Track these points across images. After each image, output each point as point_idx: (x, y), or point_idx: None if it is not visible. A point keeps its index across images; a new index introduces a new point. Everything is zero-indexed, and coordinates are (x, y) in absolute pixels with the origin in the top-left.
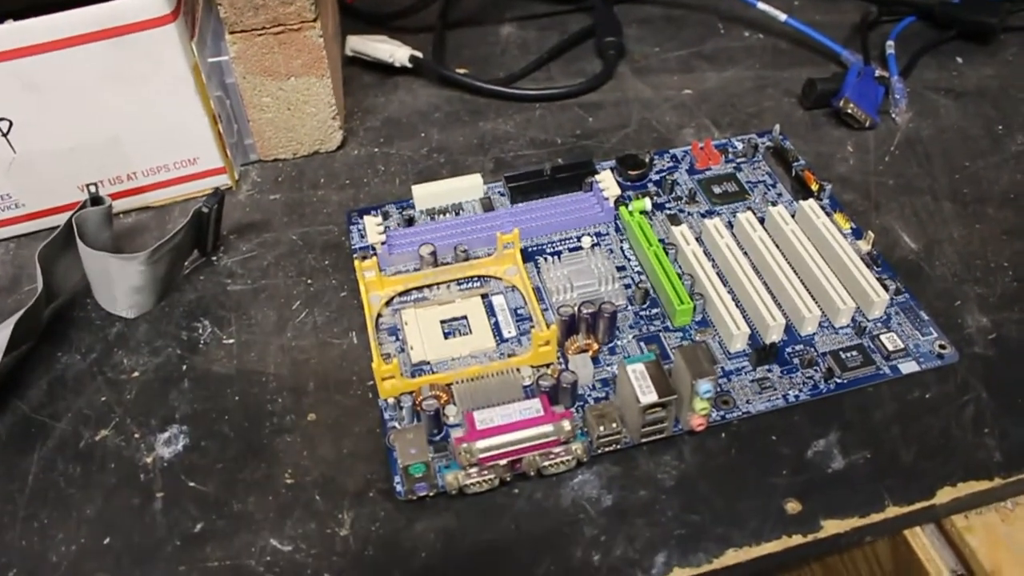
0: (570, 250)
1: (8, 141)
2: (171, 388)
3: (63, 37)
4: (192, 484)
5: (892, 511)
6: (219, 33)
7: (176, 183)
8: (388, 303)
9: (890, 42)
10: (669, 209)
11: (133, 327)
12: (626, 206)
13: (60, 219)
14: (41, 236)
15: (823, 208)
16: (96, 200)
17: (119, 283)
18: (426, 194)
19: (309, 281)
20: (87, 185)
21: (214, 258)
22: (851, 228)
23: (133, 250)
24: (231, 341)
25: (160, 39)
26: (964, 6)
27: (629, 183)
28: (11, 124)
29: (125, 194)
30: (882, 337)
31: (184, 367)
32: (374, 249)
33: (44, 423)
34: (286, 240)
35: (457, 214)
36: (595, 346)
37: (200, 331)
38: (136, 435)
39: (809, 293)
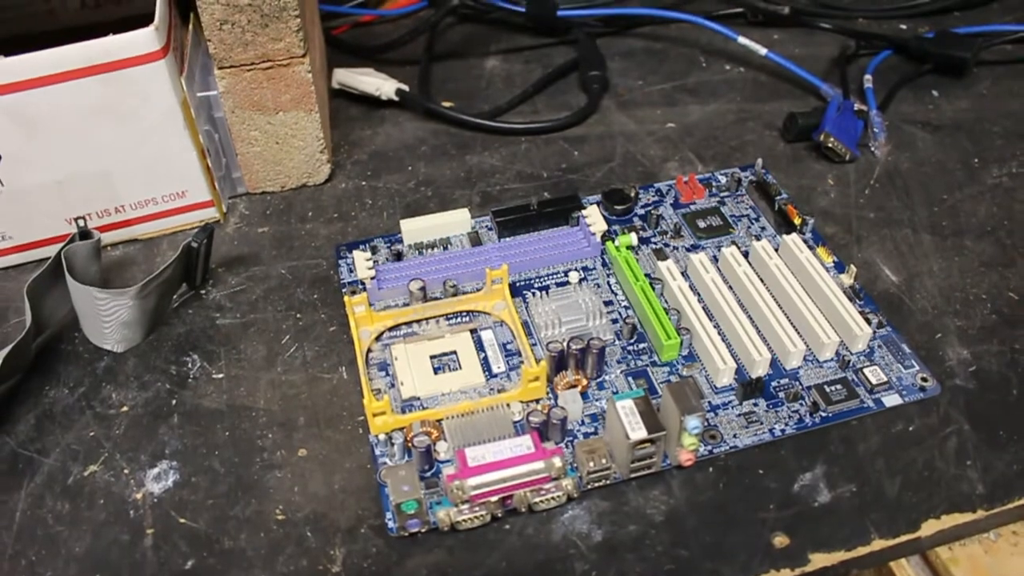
0: (558, 285)
1: None
2: (160, 423)
3: (53, 73)
4: (183, 521)
5: (878, 544)
6: (208, 68)
7: (164, 216)
8: (378, 338)
9: (868, 76)
10: (655, 243)
11: (122, 361)
12: (612, 241)
13: (48, 251)
14: (28, 268)
15: (806, 242)
16: (85, 234)
17: (108, 318)
18: (415, 229)
19: (298, 315)
20: (76, 218)
21: (203, 292)
22: (833, 262)
23: (122, 283)
24: (220, 375)
25: (150, 75)
26: (938, 40)
27: (615, 217)
28: (0, 158)
29: (113, 227)
30: (866, 371)
31: (174, 402)
32: (363, 284)
33: (32, 458)
34: (275, 274)
35: (445, 248)
36: (584, 381)
37: (189, 365)
38: (126, 471)
39: (794, 327)
